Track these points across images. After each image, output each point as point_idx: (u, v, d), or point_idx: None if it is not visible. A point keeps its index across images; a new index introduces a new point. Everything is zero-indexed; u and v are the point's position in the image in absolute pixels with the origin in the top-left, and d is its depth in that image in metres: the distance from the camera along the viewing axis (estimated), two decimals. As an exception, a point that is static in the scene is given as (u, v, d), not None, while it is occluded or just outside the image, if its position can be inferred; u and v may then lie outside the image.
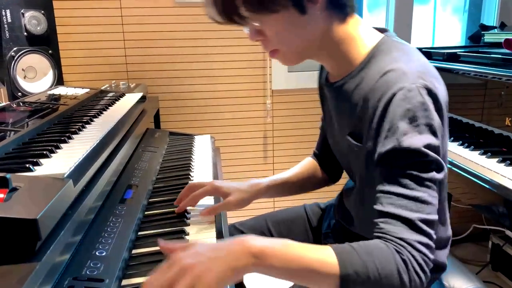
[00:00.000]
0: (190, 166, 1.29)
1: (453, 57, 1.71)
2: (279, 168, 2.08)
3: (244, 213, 2.09)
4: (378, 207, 0.72)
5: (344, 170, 1.12)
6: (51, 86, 1.61)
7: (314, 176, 1.13)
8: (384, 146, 0.72)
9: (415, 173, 0.70)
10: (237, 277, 0.62)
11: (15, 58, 1.51)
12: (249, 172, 2.09)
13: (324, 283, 0.65)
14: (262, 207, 2.12)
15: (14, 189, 0.56)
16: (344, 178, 1.17)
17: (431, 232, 0.69)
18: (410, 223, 0.68)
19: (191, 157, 1.39)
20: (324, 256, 0.65)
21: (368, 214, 0.78)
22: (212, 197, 1.07)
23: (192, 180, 1.19)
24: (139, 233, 0.89)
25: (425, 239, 0.68)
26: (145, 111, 1.51)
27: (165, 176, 1.23)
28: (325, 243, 1.13)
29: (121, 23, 1.86)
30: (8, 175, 0.55)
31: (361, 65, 0.81)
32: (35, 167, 0.66)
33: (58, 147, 0.78)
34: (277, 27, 0.78)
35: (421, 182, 0.70)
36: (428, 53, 1.83)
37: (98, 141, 0.86)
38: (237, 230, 1.20)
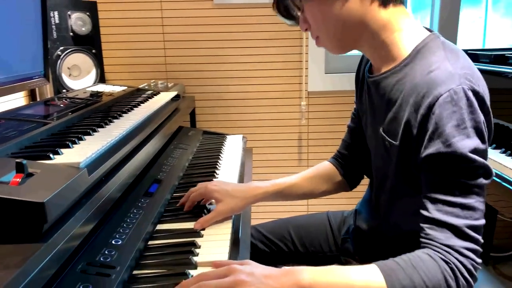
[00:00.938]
0: (217, 164, 1.30)
1: (500, 59, 1.61)
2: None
3: (269, 216, 2.08)
4: (424, 212, 0.72)
5: (364, 175, 1.08)
6: (94, 84, 1.69)
7: (328, 180, 1.09)
8: (429, 148, 0.71)
9: (462, 180, 0.70)
10: None
11: (61, 57, 1.61)
12: (283, 174, 2.07)
13: None
14: (292, 209, 2.10)
15: (30, 175, 0.59)
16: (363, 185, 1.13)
17: (479, 237, 0.70)
18: (457, 230, 0.69)
19: (220, 155, 1.40)
20: (370, 277, 0.67)
21: (397, 217, 0.76)
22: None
23: (217, 178, 1.21)
24: (158, 226, 0.92)
25: (472, 245, 0.69)
26: (178, 109, 1.54)
27: (192, 172, 1.25)
28: (344, 248, 1.10)
29: (161, 24, 1.92)
30: (24, 161, 0.59)
31: (406, 60, 0.79)
32: (55, 156, 0.70)
33: (81, 139, 0.81)
34: (314, 12, 0.81)
35: (468, 189, 0.70)
36: (475, 55, 1.73)
37: (121, 135, 0.89)
38: (257, 231, 1.20)
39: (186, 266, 0.74)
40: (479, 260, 0.69)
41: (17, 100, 1.63)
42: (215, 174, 1.22)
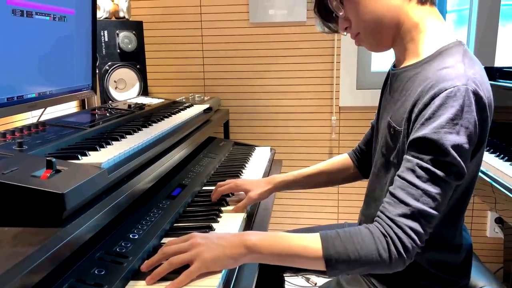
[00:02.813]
0: (240, 173, 1.39)
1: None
2: (343, 185, 2.07)
3: (301, 222, 2.12)
4: (390, 188, 0.79)
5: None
6: (136, 96, 1.84)
7: (343, 171, 1.21)
8: (418, 132, 0.77)
9: (433, 169, 0.74)
10: (233, 262, 0.78)
11: (109, 71, 1.78)
12: (313, 186, 2.12)
13: (311, 265, 0.78)
14: (322, 217, 2.12)
15: (58, 171, 0.71)
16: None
17: (426, 224, 0.75)
18: (410, 210, 0.74)
19: (245, 165, 1.48)
20: (309, 242, 0.77)
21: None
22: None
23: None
24: (174, 224, 1.01)
25: (417, 227, 0.74)
26: (210, 121, 1.65)
27: (215, 180, 1.34)
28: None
29: (201, 42, 2.06)
30: (54, 159, 0.70)
31: (427, 59, 0.85)
32: (82, 157, 0.81)
33: (109, 143, 0.93)
34: (356, 8, 0.88)
35: (436, 180, 0.74)
36: (511, 74, 1.69)
37: (144, 141, 1.00)
38: None
39: (191, 261, 0.82)
40: (419, 243, 0.74)
41: (70, 109, 1.82)
42: (235, 182, 1.30)
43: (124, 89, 1.88)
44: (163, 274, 0.74)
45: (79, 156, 0.81)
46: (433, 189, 0.74)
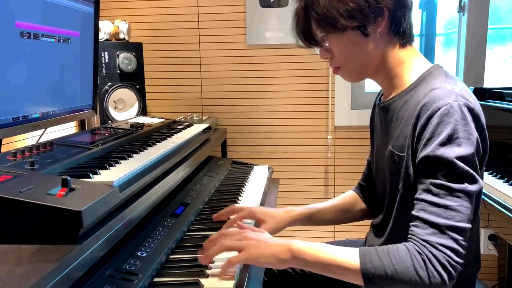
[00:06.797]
0: (240, 192, 1.40)
1: (524, 98, 1.63)
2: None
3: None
4: (413, 212, 0.82)
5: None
6: (136, 116, 1.87)
7: (352, 209, 1.19)
8: (422, 152, 0.81)
9: (446, 183, 0.78)
10: (277, 263, 0.84)
11: (108, 92, 1.80)
12: (309, 205, 2.14)
13: (350, 277, 0.80)
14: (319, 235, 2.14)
15: (73, 189, 0.72)
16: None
17: (459, 238, 0.76)
18: (437, 228, 0.76)
19: (244, 183, 1.50)
20: (349, 255, 0.80)
21: (402, 234, 0.83)
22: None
23: (239, 204, 1.31)
24: (180, 243, 1.02)
25: (450, 243, 0.75)
26: (209, 140, 1.67)
27: (216, 198, 1.36)
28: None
29: (199, 63, 2.10)
30: (69, 178, 0.72)
31: (412, 85, 0.91)
32: (94, 176, 0.83)
33: (118, 162, 0.95)
34: (343, 45, 0.92)
35: (451, 192, 0.77)
36: (499, 94, 1.75)
37: (151, 160, 1.02)
38: None
39: (199, 277, 0.84)
40: (457, 259, 0.75)
41: (69, 129, 1.83)
42: (237, 200, 1.32)
43: (123, 109, 1.90)
44: (216, 254, 0.86)
45: (91, 175, 0.82)
46: (453, 203, 0.77)
